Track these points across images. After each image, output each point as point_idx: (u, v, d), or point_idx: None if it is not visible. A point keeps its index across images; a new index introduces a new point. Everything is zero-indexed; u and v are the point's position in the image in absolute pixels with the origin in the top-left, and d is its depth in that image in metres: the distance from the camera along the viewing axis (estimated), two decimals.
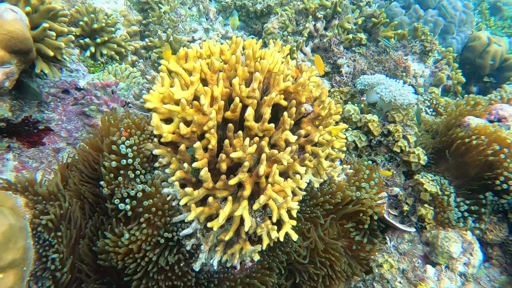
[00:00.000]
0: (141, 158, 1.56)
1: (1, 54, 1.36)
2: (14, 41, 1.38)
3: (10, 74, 1.43)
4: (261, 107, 1.51)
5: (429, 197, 2.03)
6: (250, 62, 1.63)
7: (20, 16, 1.45)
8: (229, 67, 1.57)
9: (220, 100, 1.44)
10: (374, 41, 3.00)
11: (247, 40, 1.77)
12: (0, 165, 1.88)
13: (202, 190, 1.39)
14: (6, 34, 1.35)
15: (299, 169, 1.46)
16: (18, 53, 1.44)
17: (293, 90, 1.60)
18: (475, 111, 2.28)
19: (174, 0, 3.49)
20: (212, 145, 1.40)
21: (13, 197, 1.48)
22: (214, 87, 1.45)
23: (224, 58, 1.67)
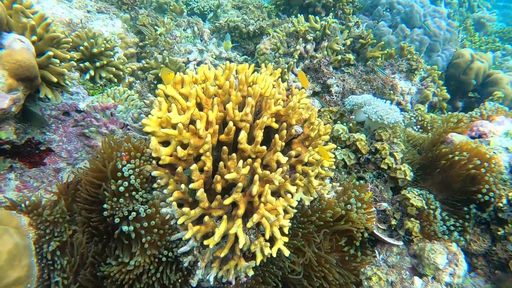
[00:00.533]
0: (141, 179, 1.64)
1: (9, 81, 1.44)
2: (21, 69, 1.47)
3: (17, 100, 1.51)
4: (254, 130, 1.60)
5: (416, 211, 2.13)
6: (243, 87, 1.73)
7: (27, 46, 1.55)
8: (223, 92, 1.67)
9: (215, 124, 1.53)
10: (362, 61, 3.14)
11: (240, 65, 1.89)
12: (2, 184, 1.94)
13: (198, 209, 1.47)
14: (15, 63, 1.45)
15: (290, 188, 1.55)
16: (25, 80, 1.53)
17: (284, 113, 1.70)
18: (457, 128, 2.41)
19: (170, 22, 3.62)
20: (208, 167, 1.49)
21: (17, 217, 1.55)
22: (209, 112, 1.55)
23: (218, 83, 1.77)
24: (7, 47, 1.45)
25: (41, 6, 2.84)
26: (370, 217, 2.05)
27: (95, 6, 3.34)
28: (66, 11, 2.98)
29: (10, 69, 1.43)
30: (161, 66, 2.91)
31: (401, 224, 2.18)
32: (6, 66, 1.43)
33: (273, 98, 1.68)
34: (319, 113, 2.75)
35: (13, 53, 1.44)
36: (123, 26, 3.32)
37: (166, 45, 3.29)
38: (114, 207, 1.58)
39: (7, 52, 1.44)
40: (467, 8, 8.20)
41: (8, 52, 1.44)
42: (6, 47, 1.45)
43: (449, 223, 2.17)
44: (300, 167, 1.68)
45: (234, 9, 4.72)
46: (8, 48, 1.45)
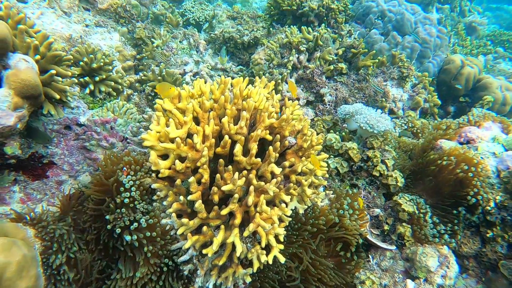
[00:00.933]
0: (141, 191, 1.72)
1: (15, 100, 1.51)
2: (26, 88, 1.54)
3: (22, 117, 1.59)
4: (249, 142, 1.68)
5: (407, 216, 2.20)
6: (237, 101, 1.81)
7: (31, 65, 1.62)
8: (219, 106, 1.75)
9: (211, 138, 1.61)
10: (354, 70, 3.23)
11: (235, 79, 1.97)
12: (7, 197, 2.01)
13: (196, 220, 1.54)
14: (20, 82, 1.52)
15: (284, 197, 1.62)
16: (29, 98, 1.60)
17: (278, 125, 1.78)
18: (446, 134, 2.49)
19: (166, 34, 3.71)
20: (205, 179, 1.56)
21: (24, 229, 1.61)
22: (206, 126, 1.62)
23: (214, 97, 1.85)
24: (13, 67, 1.53)
25: (41, 22, 2.92)
26: (363, 223, 2.12)
27: (93, 20, 3.42)
28: (66, 26, 3.06)
29: (16, 88, 1.51)
30: (158, 78, 2.98)
31: (393, 229, 2.26)
32: (12, 86, 1.50)
33: (266, 111, 1.75)
34: (313, 122, 2.83)
35: (18, 73, 1.51)
36: (120, 40, 3.40)
37: (163, 57, 3.37)
38: (116, 217, 1.65)
39: (13, 72, 1.51)
40: (458, 13, 8.33)
41: (14, 72, 1.51)
42: (12, 67, 1.53)
43: (439, 227, 2.25)
44: (294, 177, 1.75)
45: (229, 20, 4.82)
46: (14, 68, 1.53)
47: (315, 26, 4.27)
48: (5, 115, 1.49)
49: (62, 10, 3.15)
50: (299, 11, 4.23)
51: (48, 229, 1.69)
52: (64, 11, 3.17)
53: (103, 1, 3.45)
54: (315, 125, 2.75)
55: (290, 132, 1.83)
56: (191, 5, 5.08)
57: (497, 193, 2.25)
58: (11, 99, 1.49)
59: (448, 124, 2.55)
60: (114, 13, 3.53)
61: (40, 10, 3.01)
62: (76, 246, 1.67)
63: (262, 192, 1.58)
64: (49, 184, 2.15)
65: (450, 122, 2.59)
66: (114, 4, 3.48)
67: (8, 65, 1.52)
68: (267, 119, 1.72)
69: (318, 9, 4.18)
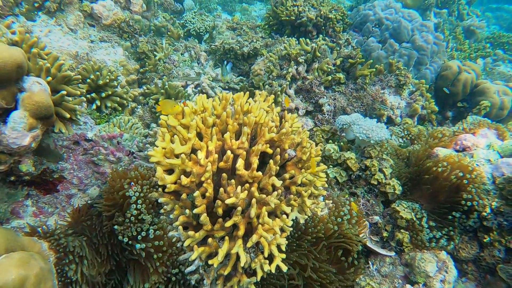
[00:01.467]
0: (147, 204, 1.80)
1: (30, 121, 1.61)
2: (40, 109, 1.64)
3: (36, 137, 1.68)
4: (250, 156, 1.76)
5: (405, 223, 2.27)
6: (239, 116, 1.90)
7: (44, 87, 1.72)
8: (221, 122, 1.84)
9: (214, 153, 1.69)
10: (352, 79, 3.32)
11: (235, 94, 2.05)
12: (21, 211, 2.10)
13: (202, 232, 1.62)
14: (34, 104, 1.61)
15: (285, 209, 1.70)
16: (42, 119, 1.69)
17: (277, 139, 1.87)
18: (442, 142, 2.57)
19: (168, 47, 3.81)
20: (209, 193, 1.64)
21: (39, 243, 1.70)
22: (209, 142, 1.71)
23: (216, 113, 1.94)
24: (28, 90, 1.62)
25: (49, 39, 3.03)
26: (361, 229, 2.19)
27: (98, 35, 3.53)
28: (72, 43, 3.17)
29: (30, 110, 1.60)
30: (161, 91, 3.08)
31: (392, 235, 2.33)
32: (27, 108, 1.59)
33: (267, 126, 1.84)
34: (312, 132, 2.91)
35: (32, 95, 1.61)
36: (124, 54, 3.50)
37: (165, 70, 3.47)
38: (125, 228, 1.74)
39: (28, 94, 1.60)
40: (457, 17, 8.39)
41: (28, 95, 1.60)
42: (27, 90, 1.62)
43: (435, 231, 2.31)
44: (294, 188, 1.83)
45: (229, 30, 4.93)
46: (28, 90, 1.62)
47: (313, 36, 4.36)
48: (21, 136, 1.58)
49: (69, 27, 3.26)
50: (298, 21, 4.33)
51: (61, 242, 1.78)
52: (71, 28, 3.28)
53: (107, 17, 3.56)
54: (314, 135, 2.83)
55: (289, 145, 1.91)
56: (192, 16, 5.20)
57: (493, 199, 2.31)
58: (26, 120, 1.58)
59: (443, 132, 2.63)
60: (118, 28, 3.64)
61: (48, 28, 3.12)
62: (89, 257, 1.75)
63: (264, 204, 1.65)
64: (60, 198, 2.24)
65: (445, 130, 2.66)
66: (117, 19, 3.59)
67: (23, 88, 1.62)
68: (267, 133, 1.80)
69: (316, 19, 4.28)
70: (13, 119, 1.55)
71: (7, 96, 1.54)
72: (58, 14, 3.27)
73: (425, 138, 2.72)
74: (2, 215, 1.98)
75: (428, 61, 4.56)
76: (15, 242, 1.50)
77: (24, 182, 2.04)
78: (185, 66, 3.81)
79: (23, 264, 1.36)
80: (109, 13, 3.57)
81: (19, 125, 1.56)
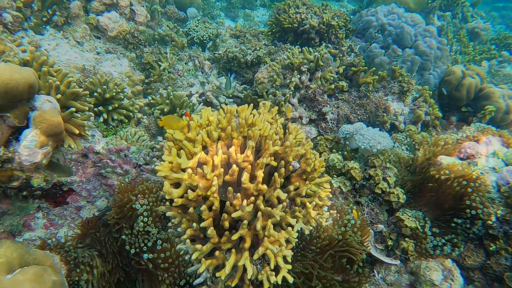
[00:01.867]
0: (153, 217, 1.85)
1: (41, 139, 1.66)
2: (51, 127, 1.69)
3: (47, 153, 1.73)
4: (255, 170, 1.80)
5: (410, 231, 2.29)
6: (243, 129, 1.93)
7: (54, 105, 1.77)
8: (226, 135, 1.88)
9: (220, 168, 1.73)
10: (355, 87, 3.34)
11: (240, 107, 2.09)
12: (32, 223, 2.15)
13: (209, 244, 1.65)
14: (45, 122, 1.66)
15: (290, 220, 1.73)
16: (53, 136, 1.74)
17: (282, 151, 1.90)
18: (445, 150, 2.58)
19: (172, 57, 3.87)
20: (216, 207, 1.68)
21: (51, 256, 1.74)
22: (215, 156, 1.75)
23: (221, 126, 1.98)
24: (39, 108, 1.67)
25: (57, 53, 3.10)
26: (365, 237, 2.21)
27: (104, 47, 3.59)
28: (79, 56, 3.24)
29: (41, 128, 1.65)
30: (166, 101, 3.13)
31: (397, 244, 2.34)
32: (38, 126, 1.64)
33: (271, 139, 1.87)
34: (316, 141, 2.94)
35: (43, 114, 1.66)
36: (129, 65, 3.56)
37: (170, 80, 3.53)
38: (132, 240, 1.79)
39: (39, 113, 1.66)
40: (461, 19, 8.35)
41: (39, 113, 1.66)
42: (38, 108, 1.67)
43: (438, 238, 2.32)
44: (299, 200, 1.86)
45: (232, 38, 4.98)
46: (39, 109, 1.67)
47: (316, 43, 4.40)
48: (32, 153, 1.63)
49: (75, 40, 3.33)
50: (300, 29, 4.37)
51: (71, 253, 1.82)
52: (77, 40, 3.35)
53: (112, 29, 3.63)
54: (318, 144, 2.86)
55: (294, 157, 1.95)
56: (195, 24, 5.26)
57: (498, 207, 2.32)
58: (38, 138, 1.63)
59: (446, 140, 2.64)
60: (123, 40, 3.70)
61: (55, 41, 3.18)
62: (99, 267, 1.79)
63: (269, 217, 1.69)
64: (69, 210, 2.29)
65: (448, 138, 2.67)
66: (123, 31, 3.65)
67: (35, 107, 1.67)
68: (271, 146, 1.84)
69: (319, 26, 4.31)
70: (25, 137, 1.60)
71: (19, 115, 1.59)
72: (65, 27, 3.34)
73: (428, 145, 2.73)
74: (15, 228, 2.03)
75: (431, 66, 4.57)
76: (29, 257, 1.54)
77: (35, 196, 2.10)
78: (189, 75, 3.86)
79: (37, 278, 1.40)
80: (115, 25, 3.64)
81: (31, 143, 1.61)
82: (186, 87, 3.69)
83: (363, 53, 4.56)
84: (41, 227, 2.17)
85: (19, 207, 2.04)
